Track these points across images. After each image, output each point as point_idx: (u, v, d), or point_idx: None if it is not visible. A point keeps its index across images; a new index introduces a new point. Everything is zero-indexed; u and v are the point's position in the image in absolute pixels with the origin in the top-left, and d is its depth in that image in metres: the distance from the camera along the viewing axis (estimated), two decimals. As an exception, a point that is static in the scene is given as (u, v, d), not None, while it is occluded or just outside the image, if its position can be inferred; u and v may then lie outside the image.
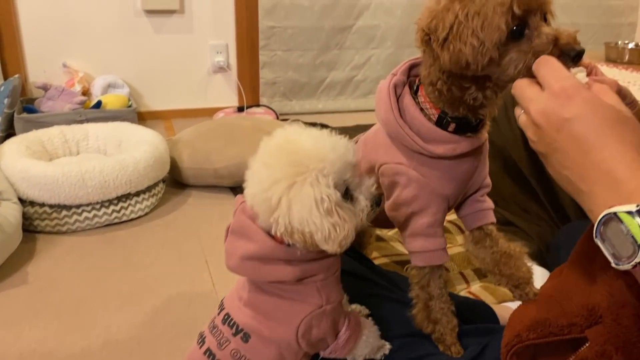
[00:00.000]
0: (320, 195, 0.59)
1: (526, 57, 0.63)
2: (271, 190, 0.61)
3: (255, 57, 2.85)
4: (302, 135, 0.64)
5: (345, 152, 0.63)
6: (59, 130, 1.93)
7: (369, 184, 0.66)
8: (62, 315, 1.29)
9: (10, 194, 1.58)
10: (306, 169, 0.60)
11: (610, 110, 0.49)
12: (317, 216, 0.59)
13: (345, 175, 0.63)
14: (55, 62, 2.57)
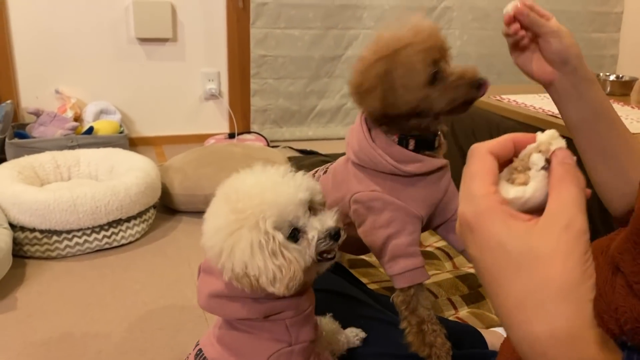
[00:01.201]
0: (259, 239, 0.61)
1: (446, 92, 0.82)
2: (214, 239, 0.64)
3: (247, 85, 2.89)
4: (247, 180, 0.68)
5: (293, 192, 0.65)
6: (51, 155, 1.94)
7: (326, 218, 0.67)
8: (51, 343, 1.28)
9: (1, 219, 1.58)
10: (245, 214, 0.63)
11: (512, 246, 0.43)
12: (260, 259, 0.61)
13: (289, 215, 0.64)
14: (48, 88, 2.59)
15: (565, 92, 0.84)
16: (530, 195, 0.44)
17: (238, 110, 2.92)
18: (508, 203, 0.44)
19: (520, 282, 0.41)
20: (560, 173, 0.42)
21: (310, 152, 2.77)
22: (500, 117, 1.71)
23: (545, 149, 0.44)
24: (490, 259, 0.43)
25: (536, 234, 0.41)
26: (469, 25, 3.13)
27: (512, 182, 0.45)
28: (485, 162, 0.45)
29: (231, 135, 2.87)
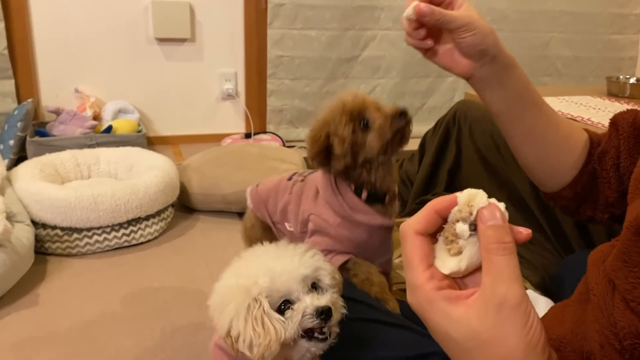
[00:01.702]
0: (248, 302, 0.64)
1: (376, 131, 0.97)
2: (214, 298, 0.70)
3: (263, 85, 2.90)
4: (259, 250, 0.73)
5: (294, 266, 0.68)
6: (71, 154, 1.97)
7: (322, 297, 0.68)
8: (72, 339, 1.31)
9: (24, 216, 1.61)
10: (242, 278, 0.68)
11: (454, 344, 0.45)
12: (242, 322, 0.63)
13: (282, 286, 0.67)
14: (68, 87, 2.63)
15: (486, 81, 0.81)
16: (466, 265, 0.45)
17: (254, 110, 2.94)
18: (449, 277, 0.46)
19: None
20: (486, 242, 0.43)
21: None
22: (519, 120, 1.70)
23: (466, 214, 0.44)
24: (444, 345, 0.46)
25: (475, 318, 0.42)
26: (486, 27, 3.12)
27: (448, 251, 0.46)
28: (415, 246, 0.46)
29: (247, 135, 2.88)
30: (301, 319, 0.66)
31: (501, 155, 1.72)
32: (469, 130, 1.84)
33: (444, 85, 3.17)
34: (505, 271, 0.42)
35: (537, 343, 0.42)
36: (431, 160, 1.88)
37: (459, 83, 3.18)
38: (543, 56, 3.30)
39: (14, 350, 1.26)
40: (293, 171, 1.23)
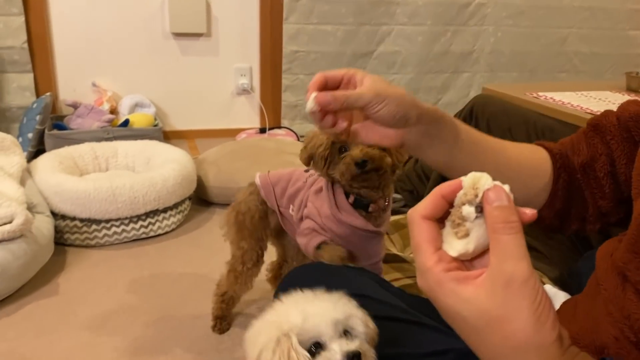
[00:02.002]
0: (278, 337, 0.66)
1: (341, 170, 1.02)
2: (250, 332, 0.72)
3: (278, 81, 2.91)
4: (298, 293, 0.74)
5: (327, 309, 0.69)
6: (90, 147, 1.99)
7: (351, 342, 0.68)
8: (92, 328, 1.32)
9: (44, 207, 1.63)
10: (277, 316, 0.70)
11: (465, 324, 0.46)
12: (270, 355, 0.65)
13: (313, 328, 0.68)
14: (85, 81, 2.65)
15: (421, 142, 0.75)
16: (474, 247, 0.45)
17: (269, 106, 2.95)
18: (457, 259, 0.46)
19: (484, 345, 0.44)
20: (492, 222, 0.43)
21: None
22: (538, 115, 1.69)
23: (472, 196, 0.45)
24: (455, 326, 0.46)
25: (484, 296, 0.43)
26: (502, 22, 3.09)
27: (456, 235, 0.46)
28: (423, 230, 0.47)
29: (262, 130, 2.89)
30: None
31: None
32: (486, 125, 1.83)
33: (459, 81, 3.15)
34: (512, 249, 0.42)
35: (546, 319, 0.42)
36: (448, 155, 1.88)
37: (474, 79, 3.17)
38: (560, 52, 3.27)
39: (36, 337, 1.28)
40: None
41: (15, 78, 2.49)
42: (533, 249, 1.51)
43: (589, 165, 0.79)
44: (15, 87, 2.51)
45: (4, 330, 1.30)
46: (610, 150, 0.78)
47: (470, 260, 0.47)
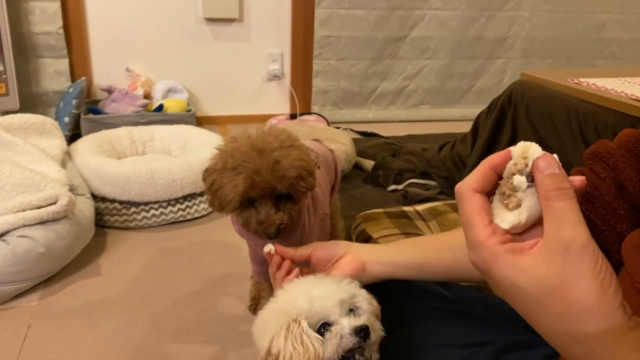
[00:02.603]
0: (288, 322, 0.67)
1: (245, 220, 0.92)
2: (257, 322, 0.73)
3: (309, 66, 2.90)
4: (301, 279, 0.76)
5: (333, 291, 0.71)
6: (127, 131, 2.01)
7: (358, 318, 0.71)
8: (134, 308, 1.34)
9: (84, 189, 1.66)
10: (284, 302, 0.72)
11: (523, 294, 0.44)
12: (282, 340, 0.66)
13: (321, 309, 0.69)
14: (119, 67, 2.67)
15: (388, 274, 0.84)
16: (526, 217, 0.45)
17: (300, 91, 2.94)
18: (509, 231, 0.45)
19: (545, 314, 0.43)
20: (545, 190, 0.42)
21: (371, 134, 2.76)
22: (579, 101, 1.66)
23: (522, 166, 0.44)
24: (512, 299, 0.45)
25: (542, 265, 0.42)
26: (538, 8, 3.03)
27: (506, 207, 0.46)
28: (474, 204, 0.46)
29: (292, 116, 2.89)
30: (340, 339, 0.68)
31: (559, 136, 1.68)
32: (525, 111, 1.80)
33: (493, 67, 3.10)
34: (567, 215, 0.41)
35: (609, 285, 0.41)
36: (485, 142, 1.86)
37: (509, 65, 3.12)
38: (598, 38, 3.19)
39: (80, 316, 1.30)
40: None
41: (51, 63, 2.53)
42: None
43: (591, 194, 0.74)
44: (52, 72, 2.54)
45: (49, 309, 1.33)
46: (617, 172, 0.73)
47: (521, 233, 0.46)
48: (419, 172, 2.08)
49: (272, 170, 0.87)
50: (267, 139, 0.89)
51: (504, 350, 0.77)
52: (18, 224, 1.36)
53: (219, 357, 1.18)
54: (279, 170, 0.88)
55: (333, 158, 1.26)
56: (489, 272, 0.45)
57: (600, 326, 0.41)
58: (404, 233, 1.52)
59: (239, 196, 0.87)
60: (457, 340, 0.80)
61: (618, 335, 0.41)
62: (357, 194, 2.03)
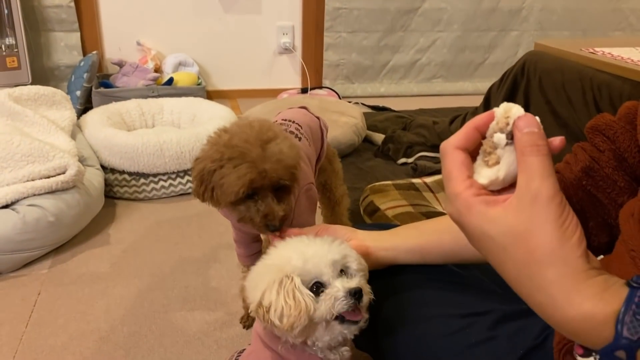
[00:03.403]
0: (281, 278, 0.68)
1: (246, 214, 0.88)
2: (249, 280, 0.74)
3: (320, 39, 2.87)
4: (291, 240, 0.77)
5: (325, 251, 0.72)
6: (136, 103, 2.01)
7: (351, 280, 0.72)
8: (143, 276, 1.36)
9: (94, 160, 1.67)
10: (277, 260, 0.73)
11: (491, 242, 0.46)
12: (274, 293, 0.67)
13: (313, 268, 0.70)
14: (130, 40, 2.67)
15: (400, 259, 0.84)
16: (504, 174, 0.47)
17: (311, 65, 2.92)
18: (487, 187, 0.47)
19: (510, 261, 0.45)
20: (521, 145, 0.45)
21: (382, 108, 2.74)
22: (594, 71, 1.62)
23: (503, 125, 0.46)
24: (482, 248, 0.48)
25: (511, 214, 0.44)
26: (555, -23, 2.96)
27: (487, 164, 0.48)
28: (455, 159, 0.48)
29: (304, 90, 2.87)
30: (334, 302, 0.69)
31: (573, 107, 1.65)
32: (538, 82, 1.77)
33: (507, 39, 3.05)
34: (538, 169, 0.43)
35: (572, 234, 0.43)
36: (497, 113, 1.83)
37: (523, 37, 3.05)
38: (616, 9, 3.11)
39: (90, 283, 1.32)
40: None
41: (62, 37, 2.54)
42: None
43: (591, 167, 0.73)
44: (63, 46, 2.55)
45: (59, 276, 1.35)
46: (617, 144, 0.72)
47: (499, 191, 0.48)
48: (429, 146, 2.06)
49: (277, 160, 0.85)
50: (261, 130, 0.87)
51: (503, 320, 0.76)
52: (27, 193, 1.38)
53: (226, 324, 1.20)
54: (284, 160, 0.86)
55: (320, 126, 1.24)
56: (462, 223, 0.48)
57: (560, 271, 0.43)
58: (412, 204, 1.51)
59: (245, 187, 0.83)
60: (454, 310, 0.80)
61: (577, 281, 0.42)
62: (366, 168, 2.02)
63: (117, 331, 1.17)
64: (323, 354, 0.74)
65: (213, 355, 1.10)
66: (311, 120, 1.23)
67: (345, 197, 1.38)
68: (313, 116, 1.25)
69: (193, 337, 1.15)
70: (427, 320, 0.79)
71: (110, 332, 1.16)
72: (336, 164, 1.35)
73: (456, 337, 0.75)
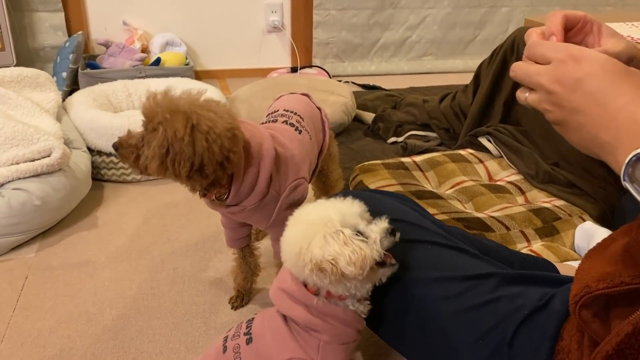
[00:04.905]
0: (331, 233, 0.73)
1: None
2: (291, 246, 0.76)
3: (310, 17, 2.83)
4: (310, 205, 0.81)
5: (350, 206, 0.79)
6: (123, 84, 1.99)
7: (380, 223, 0.78)
8: (131, 259, 1.35)
9: (80, 143, 1.65)
10: (315, 221, 0.76)
11: (617, 63, 0.51)
12: (336, 246, 0.72)
13: (351, 220, 0.76)
14: (116, 20, 2.63)
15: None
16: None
17: (301, 44, 2.88)
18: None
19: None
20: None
21: (372, 86, 2.72)
22: (583, 46, 1.61)
23: None
24: (594, 81, 0.51)
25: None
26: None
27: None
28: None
29: (293, 69, 2.84)
30: (381, 241, 0.75)
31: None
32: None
33: (498, 15, 3.02)
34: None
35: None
36: (487, 91, 1.81)
37: (513, 13, 3.03)
38: (607, -16, 3.09)
39: (78, 267, 1.32)
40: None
41: (47, 17, 2.49)
42: (575, 187, 1.46)
43: None
44: (47, 27, 2.50)
45: (47, 259, 1.34)
46: None
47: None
48: (419, 124, 2.05)
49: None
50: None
51: (504, 283, 0.77)
52: (12, 176, 1.36)
53: (214, 306, 1.20)
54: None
55: (321, 117, 1.23)
56: (579, 57, 0.52)
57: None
58: (401, 183, 1.50)
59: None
60: (456, 272, 0.80)
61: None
62: (356, 147, 2.01)
63: (106, 314, 1.16)
64: (355, 307, 0.79)
65: (202, 337, 1.11)
66: (312, 111, 1.21)
67: (340, 181, 1.38)
68: (315, 107, 1.24)
69: (182, 318, 1.15)
70: (428, 282, 0.79)
71: (99, 315, 1.16)
72: (333, 148, 1.34)
73: (458, 299, 0.75)
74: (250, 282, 1.20)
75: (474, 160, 1.63)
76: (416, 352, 0.80)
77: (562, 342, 0.64)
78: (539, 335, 0.67)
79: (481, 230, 1.29)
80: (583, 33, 0.66)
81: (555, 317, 0.66)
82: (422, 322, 0.77)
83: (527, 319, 0.69)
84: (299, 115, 1.13)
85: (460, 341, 0.73)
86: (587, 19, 0.67)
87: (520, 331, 0.68)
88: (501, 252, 1.03)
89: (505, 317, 0.70)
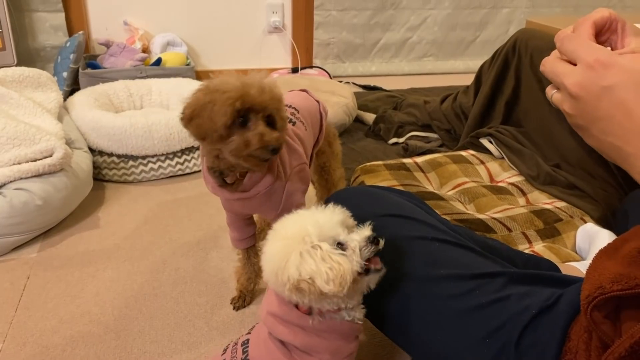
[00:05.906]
0: (307, 249, 0.70)
1: (241, 141, 0.86)
2: (269, 265, 0.74)
3: (310, 17, 2.83)
4: (289, 217, 0.78)
5: (330, 215, 0.76)
6: (124, 84, 1.99)
7: (362, 230, 0.75)
8: (133, 259, 1.35)
9: (81, 143, 1.65)
10: (291, 237, 0.73)
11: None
12: (312, 263, 0.69)
13: (330, 232, 0.73)
14: (117, 20, 2.62)
15: None
16: None
17: (301, 44, 2.88)
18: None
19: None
20: None
21: (373, 87, 2.72)
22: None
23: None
24: (621, 92, 0.50)
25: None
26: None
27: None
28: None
29: (294, 69, 2.84)
30: (361, 251, 0.72)
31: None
32: (530, 60, 1.75)
33: (499, 16, 3.02)
34: None
35: None
36: (488, 92, 1.82)
37: (514, 14, 3.03)
38: (608, -15, 3.10)
39: (80, 267, 1.32)
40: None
41: (47, 17, 2.48)
42: (576, 188, 1.46)
43: None
44: (48, 27, 2.50)
45: (49, 260, 1.34)
46: None
47: None
48: (420, 125, 2.05)
49: (261, 87, 0.87)
50: (240, 76, 0.90)
51: (512, 282, 0.77)
52: (14, 176, 1.36)
53: (217, 306, 1.20)
54: (267, 87, 0.88)
55: (319, 110, 1.24)
56: (608, 65, 0.51)
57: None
58: (403, 184, 1.50)
59: (232, 110, 0.83)
60: (464, 270, 0.79)
61: None
62: (357, 148, 2.01)
63: (107, 314, 1.16)
64: (351, 316, 0.78)
65: (204, 337, 1.11)
66: (311, 104, 1.22)
67: (342, 181, 1.38)
68: (313, 100, 1.25)
69: (184, 319, 1.15)
70: (436, 281, 0.79)
71: (101, 315, 1.16)
72: (336, 146, 1.35)
73: (466, 298, 0.75)
74: (254, 283, 1.20)
75: (475, 162, 1.63)
76: (421, 350, 0.80)
77: (569, 343, 0.64)
78: (546, 336, 0.67)
79: (483, 231, 1.30)
80: (609, 32, 0.65)
81: (562, 318, 0.66)
82: (429, 319, 0.77)
83: (535, 319, 0.68)
84: (294, 108, 1.15)
85: (467, 339, 0.72)
86: (612, 18, 0.65)
87: (527, 331, 0.68)
88: (505, 252, 1.03)
89: (512, 316, 0.70)
